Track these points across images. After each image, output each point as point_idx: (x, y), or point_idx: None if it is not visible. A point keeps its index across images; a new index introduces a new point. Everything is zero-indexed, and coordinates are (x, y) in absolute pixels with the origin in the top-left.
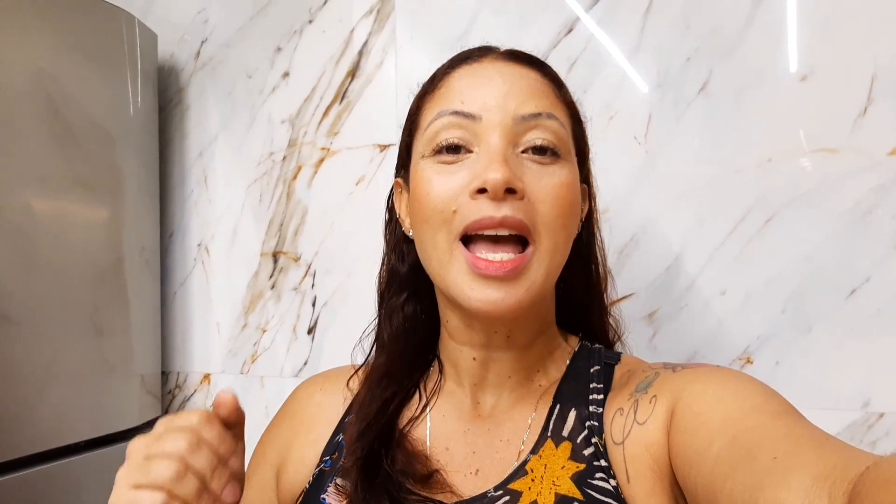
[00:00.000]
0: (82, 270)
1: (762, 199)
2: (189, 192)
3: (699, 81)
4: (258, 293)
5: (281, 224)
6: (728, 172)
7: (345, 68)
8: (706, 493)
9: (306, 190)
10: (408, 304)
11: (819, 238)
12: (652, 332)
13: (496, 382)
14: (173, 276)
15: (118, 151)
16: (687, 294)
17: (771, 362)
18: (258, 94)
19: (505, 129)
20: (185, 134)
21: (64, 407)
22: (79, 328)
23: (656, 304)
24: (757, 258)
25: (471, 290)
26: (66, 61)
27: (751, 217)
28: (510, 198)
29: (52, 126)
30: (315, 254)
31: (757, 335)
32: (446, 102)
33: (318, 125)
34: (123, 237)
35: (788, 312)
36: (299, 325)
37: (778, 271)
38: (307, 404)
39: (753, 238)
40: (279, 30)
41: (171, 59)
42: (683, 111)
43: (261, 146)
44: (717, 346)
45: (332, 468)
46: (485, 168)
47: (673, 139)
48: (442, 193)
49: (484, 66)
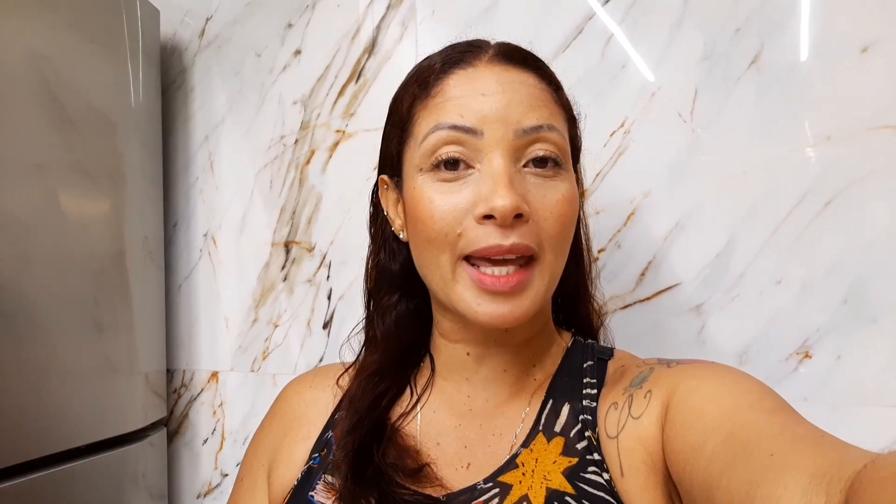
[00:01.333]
0: (82, 263)
1: (820, 181)
2: (194, 179)
3: (750, 54)
4: (269, 286)
5: (293, 212)
6: (782, 153)
7: (361, 45)
8: (702, 488)
9: (320, 175)
10: (400, 303)
11: (881, 222)
12: (700, 324)
13: (490, 377)
14: (178, 268)
15: (119, 136)
16: (738, 284)
17: (832, 356)
18: (268, 74)
19: (507, 146)
20: (189, 117)
21: (64, 409)
22: (79, 324)
23: (704, 295)
24: (815, 245)
25: (478, 305)
26: (63, 42)
27: (808, 201)
28: (517, 223)
29: (48, 111)
30: (330, 243)
31: (816, 328)
32: (444, 115)
33: (333, 106)
34: (125, 228)
35: (850, 303)
36: (314, 320)
37: (838, 259)
38: (297, 402)
39: (811, 223)
40: (290, 4)
41: (174, 37)
42: (733, 86)
43: (271, 129)
44: (771, 340)
45: (321, 465)
46: (491, 192)
47: (722, 117)
48: (446, 216)
49: (480, 71)
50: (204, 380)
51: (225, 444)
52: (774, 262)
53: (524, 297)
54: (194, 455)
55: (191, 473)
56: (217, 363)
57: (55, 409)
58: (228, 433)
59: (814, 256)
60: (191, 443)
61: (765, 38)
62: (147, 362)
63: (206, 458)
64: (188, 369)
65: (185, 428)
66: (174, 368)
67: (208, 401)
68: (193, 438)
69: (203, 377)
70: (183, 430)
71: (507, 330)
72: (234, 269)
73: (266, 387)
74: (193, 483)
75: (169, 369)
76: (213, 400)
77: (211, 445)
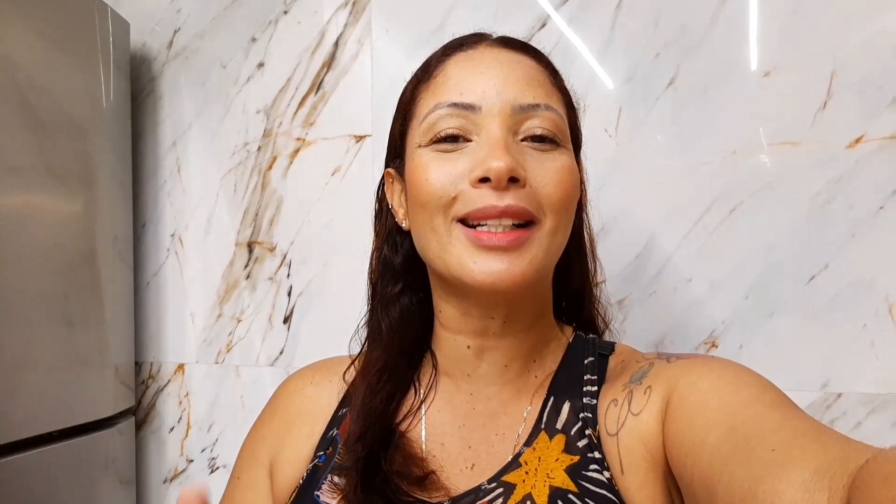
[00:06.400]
0: (54, 261)
1: (727, 190)
2: (162, 182)
3: (667, 77)
4: (233, 283)
5: (256, 214)
6: (694, 165)
7: (320, 59)
8: (703, 483)
9: (282, 180)
10: (403, 295)
11: (780, 227)
12: (622, 317)
13: (491, 373)
14: (146, 266)
15: (90, 141)
16: (655, 281)
17: (735, 346)
18: (232, 85)
19: (504, 118)
20: (157, 123)
21: (36, 398)
22: (51, 319)
23: (626, 290)
24: (721, 247)
25: (474, 263)
26: (36, 50)
27: (716, 208)
28: (513, 187)
29: (21, 116)
30: (290, 244)
31: (721, 320)
32: (444, 93)
33: (294, 116)
34: (96, 228)
35: (751, 298)
36: (275, 315)
37: (741, 259)
38: (298, 398)
39: (718, 227)
40: (254, 20)
41: (144, 48)
42: (652, 106)
43: (235, 136)
44: (683, 331)
45: (326, 464)
46: (487, 156)
47: (642, 132)
48: (441, 178)
49: (479, 52)
50: (171, 371)
51: (190, 432)
52: (686, 262)
53: (522, 254)
54: (161, 442)
55: (158, 460)
56: (183, 356)
57: (28, 398)
58: (194, 422)
59: (720, 257)
60: (158, 431)
61: (681, 63)
62: (116, 355)
63: (173, 445)
64: (156, 361)
65: (153, 417)
66: (142, 361)
67: (174, 391)
68: (160, 427)
69: (170, 369)
70: (150, 419)
71: (506, 320)
72: (199, 268)
73: (229, 378)
74: (160, 469)
75: (137, 361)
76: (179, 390)
77: (177, 433)
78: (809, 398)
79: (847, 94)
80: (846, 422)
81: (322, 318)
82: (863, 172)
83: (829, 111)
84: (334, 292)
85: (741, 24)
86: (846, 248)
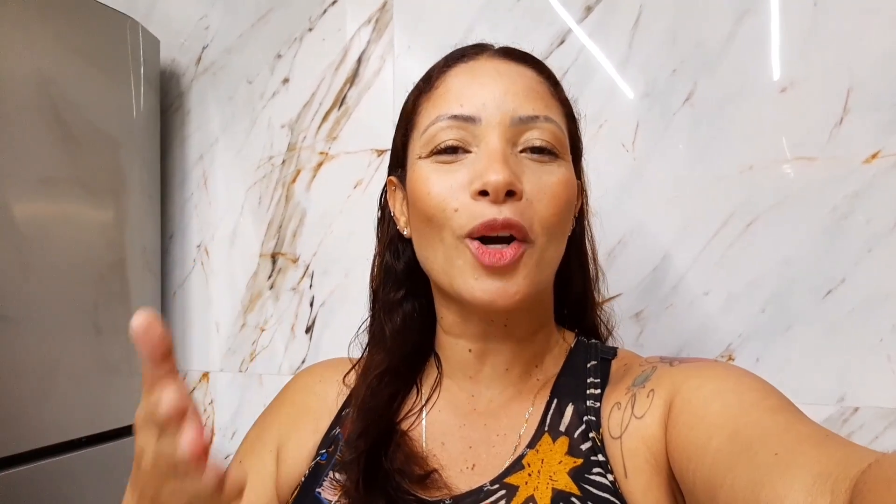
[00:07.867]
0: (84, 271)
1: (744, 204)
2: (189, 195)
3: (685, 92)
4: (257, 293)
5: (280, 226)
6: (711, 179)
7: (343, 75)
8: (705, 487)
9: (305, 193)
10: (406, 301)
11: (797, 242)
12: (639, 330)
13: (493, 376)
14: (173, 276)
15: (120, 154)
16: (672, 294)
17: (751, 359)
18: (258, 99)
19: (503, 129)
20: (185, 137)
21: (66, 404)
22: (80, 327)
23: (643, 303)
24: (738, 261)
25: (475, 280)
26: (70, 65)
27: (733, 222)
28: (510, 200)
29: (55, 129)
30: (313, 255)
31: (738, 333)
32: (445, 105)
33: (318, 130)
34: (125, 238)
35: (768, 312)
36: (297, 325)
37: (758, 273)
38: (308, 394)
39: (735, 242)
40: (279, 37)
41: (173, 64)
42: (669, 121)
43: (260, 150)
44: (700, 344)
45: (328, 462)
46: (485, 168)
47: (659, 147)
48: (442, 191)
49: (480, 63)
50: (195, 379)
51: (214, 440)
52: (703, 276)
53: (518, 275)
54: None
55: None
56: (208, 364)
57: (57, 405)
58: (218, 429)
59: (737, 271)
60: None
61: (698, 79)
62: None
63: None
64: (181, 370)
65: None
66: None
67: (199, 399)
68: None
69: (195, 377)
70: None
71: (507, 324)
72: (224, 278)
73: (253, 386)
74: None
75: None
76: (203, 398)
77: None
78: (826, 412)
79: (863, 109)
80: (863, 436)
81: (343, 327)
82: (879, 187)
83: (845, 127)
84: (355, 302)
85: (757, 40)
86: (863, 263)
